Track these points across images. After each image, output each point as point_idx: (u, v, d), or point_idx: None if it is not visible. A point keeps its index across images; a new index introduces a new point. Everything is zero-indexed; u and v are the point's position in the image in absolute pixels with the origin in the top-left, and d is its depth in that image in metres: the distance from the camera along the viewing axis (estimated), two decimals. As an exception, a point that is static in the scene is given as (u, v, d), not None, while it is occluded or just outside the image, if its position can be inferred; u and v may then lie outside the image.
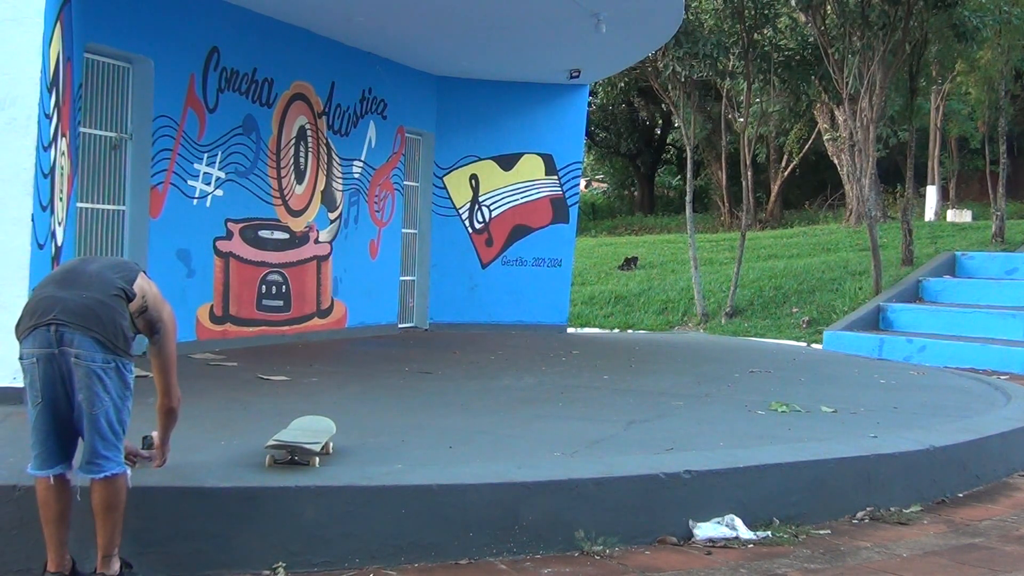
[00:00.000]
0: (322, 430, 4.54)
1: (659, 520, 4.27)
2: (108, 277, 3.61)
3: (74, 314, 3.47)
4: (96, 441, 3.50)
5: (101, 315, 3.50)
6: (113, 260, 3.86)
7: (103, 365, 3.49)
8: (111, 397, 3.51)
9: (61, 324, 3.45)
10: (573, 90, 12.83)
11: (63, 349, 3.45)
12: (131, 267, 3.77)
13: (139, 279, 3.70)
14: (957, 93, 23.27)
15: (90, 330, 3.47)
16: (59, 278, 3.63)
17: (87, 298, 3.51)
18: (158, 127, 8.45)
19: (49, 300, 3.51)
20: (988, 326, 12.45)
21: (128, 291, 3.61)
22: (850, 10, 14.58)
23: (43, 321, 3.46)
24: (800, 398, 6.99)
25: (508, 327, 12.41)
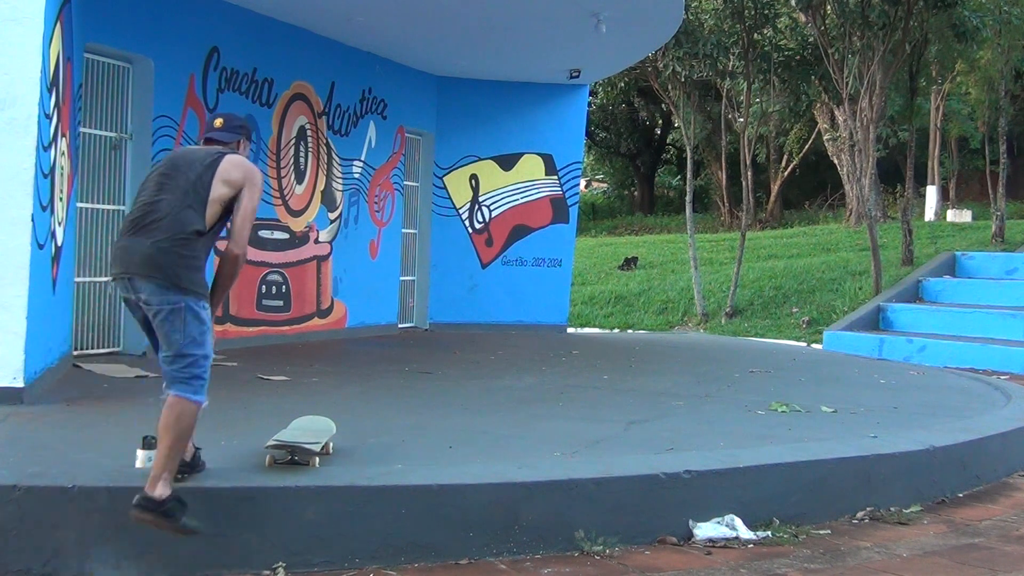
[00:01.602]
0: (322, 430, 4.54)
1: (659, 520, 4.27)
2: (178, 217, 3.85)
3: (139, 264, 3.80)
4: (173, 367, 3.81)
5: (163, 262, 3.79)
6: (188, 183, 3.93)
7: (172, 307, 3.79)
8: (183, 333, 3.80)
9: (131, 275, 3.82)
10: (573, 90, 12.83)
11: (137, 296, 3.84)
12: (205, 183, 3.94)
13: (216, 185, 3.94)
14: (957, 93, 23.27)
15: (153, 277, 3.79)
16: (134, 219, 3.90)
17: (151, 246, 3.80)
18: (158, 127, 8.45)
19: (119, 251, 3.89)
20: (988, 326, 12.45)
21: (200, 227, 3.91)
22: (850, 10, 14.58)
23: (117, 273, 3.89)
24: (800, 398, 6.99)
25: (508, 327, 12.41)
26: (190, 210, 3.90)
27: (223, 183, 3.97)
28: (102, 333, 8.24)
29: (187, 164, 3.99)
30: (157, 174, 4.01)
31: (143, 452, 4.08)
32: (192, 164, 3.99)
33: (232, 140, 4.27)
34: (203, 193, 3.94)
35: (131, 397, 6.27)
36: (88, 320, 8.07)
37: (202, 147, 4.20)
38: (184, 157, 4.06)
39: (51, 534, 3.60)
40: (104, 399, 6.16)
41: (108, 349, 8.27)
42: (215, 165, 3.98)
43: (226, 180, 3.98)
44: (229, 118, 4.36)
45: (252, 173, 4.08)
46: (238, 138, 4.31)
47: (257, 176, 4.10)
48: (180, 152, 4.17)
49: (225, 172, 3.99)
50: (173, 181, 3.94)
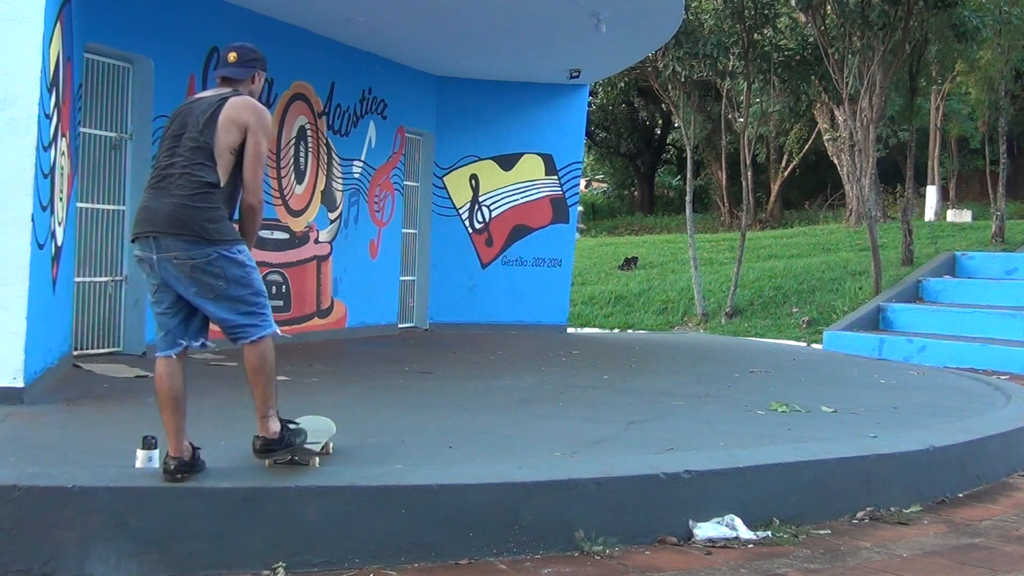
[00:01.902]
0: (322, 430, 4.55)
1: (659, 520, 4.27)
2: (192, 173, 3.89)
3: (164, 223, 3.86)
4: (228, 316, 3.96)
5: (185, 217, 3.85)
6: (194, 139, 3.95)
7: (203, 260, 3.86)
8: (226, 280, 3.90)
9: (156, 233, 3.86)
10: (573, 90, 12.83)
11: (160, 255, 3.87)
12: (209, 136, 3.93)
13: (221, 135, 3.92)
14: (957, 93, 23.27)
15: (180, 234, 3.84)
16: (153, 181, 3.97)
17: (171, 204, 3.86)
18: (158, 127, 8.43)
19: (142, 211, 3.95)
20: (988, 326, 12.45)
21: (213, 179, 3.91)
22: (850, 10, 14.58)
23: (140, 232, 3.92)
24: (800, 398, 6.99)
25: (508, 327, 12.41)
26: (200, 165, 3.92)
27: (227, 131, 3.96)
28: (102, 333, 8.24)
29: (193, 119, 4.00)
30: (170, 135, 4.03)
31: (143, 452, 4.08)
32: (198, 115, 3.99)
33: (247, 76, 4.27)
34: (209, 145, 3.93)
35: (131, 397, 6.27)
36: (88, 320, 8.07)
37: (209, 94, 4.13)
38: (191, 111, 4.04)
39: (51, 534, 3.60)
40: (104, 399, 6.16)
41: (108, 349, 8.27)
42: (216, 115, 3.96)
43: (229, 127, 3.96)
44: (243, 51, 4.29)
45: (256, 115, 4.03)
46: (253, 72, 4.31)
47: (263, 117, 4.05)
48: (187, 105, 4.11)
49: (227, 119, 3.96)
50: (182, 140, 3.97)
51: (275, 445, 3.96)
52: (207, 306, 3.96)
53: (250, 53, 4.31)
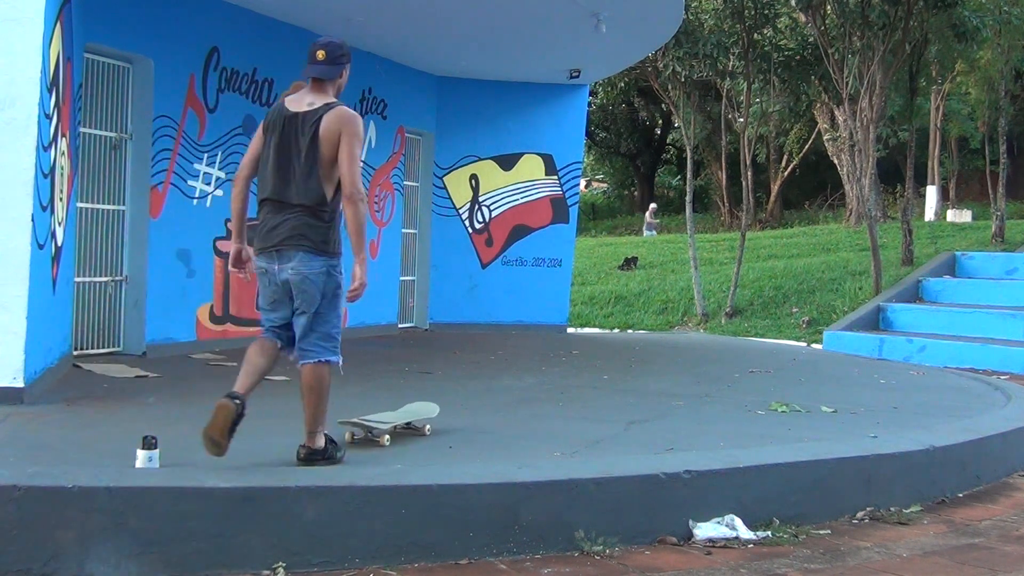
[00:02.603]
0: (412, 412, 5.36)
1: (659, 520, 4.27)
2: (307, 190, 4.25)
3: (286, 238, 4.25)
4: (311, 332, 4.34)
5: (306, 232, 4.25)
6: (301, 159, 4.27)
7: (311, 271, 4.26)
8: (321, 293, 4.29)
9: (279, 248, 4.25)
10: (573, 90, 12.83)
11: (282, 266, 4.27)
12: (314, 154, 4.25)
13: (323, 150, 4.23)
14: (957, 93, 23.27)
15: (301, 246, 4.24)
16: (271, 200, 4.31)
17: (292, 220, 4.25)
18: (158, 127, 8.45)
19: (265, 228, 4.31)
20: (988, 326, 12.44)
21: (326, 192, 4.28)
22: (850, 10, 14.57)
23: (264, 248, 4.30)
24: (800, 398, 6.99)
25: (508, 327, 12.40)
26: (313, 180, 4.25)
27: (327, 144, 4.25)
28: (102, 333, 8.24)
29: (296, 137, 4.29)
30: (274, 154, 4.32)
31: (143, 452, 4.09)
32: (298, 137, 4.28)
33: (337, 74, 4.44)
34: (315, 163, 4.25)
35: (131, 397, 6.27)
36: (88, 320, 8.07)
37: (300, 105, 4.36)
38: (293, 126, 4.31)
39: (51, 534, 3.60)
40: (104, 399, 6.16)
41: (108, 349, 8.27)
42: (316, 134, 4.26)
43: (327, 139, 4.25)
44: (330, 48, 4.43)
45: (347, 121, 4.28)
46: (342, 68, 4.46)
47: (353, 122, 4.30)
48: (288, 117, 4.35)
49: (325, 139, 4.26)
50: (289, 160, 4.29)
51: (318, 455, 4.33)
52: (300, 319, 4.35)
53: (337, 50, 4.44)
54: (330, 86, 4.43)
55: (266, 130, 4.42)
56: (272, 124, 4.39)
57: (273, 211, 4.29)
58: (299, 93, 4.46)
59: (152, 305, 8.38)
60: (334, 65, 4.41)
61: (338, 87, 4.47)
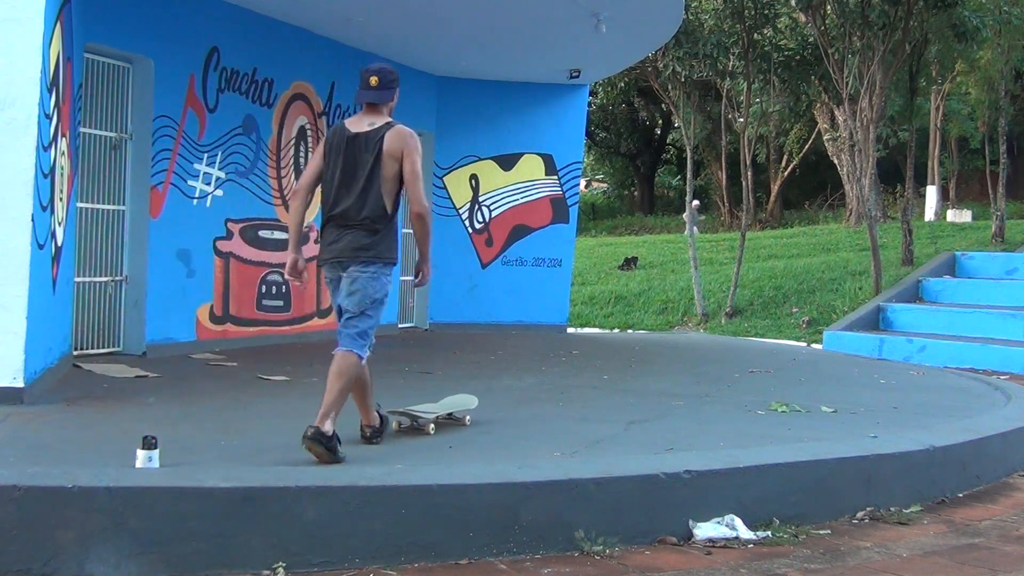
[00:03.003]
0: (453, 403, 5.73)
1: (659, 520, 4.27)
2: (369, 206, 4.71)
3: (346, 250, 4.74)
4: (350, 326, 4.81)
5: (366, 244, 4.72)
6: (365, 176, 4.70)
7: (366, 275, 4.74)
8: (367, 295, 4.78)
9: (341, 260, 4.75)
10: (573, 90, 12.83)
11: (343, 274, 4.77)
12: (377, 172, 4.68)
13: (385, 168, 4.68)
14: (957, 93, 23.27)
15: (358, 256, 4.73)
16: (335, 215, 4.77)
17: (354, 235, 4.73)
18: (158, 127, 8.45)
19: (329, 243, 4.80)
20: (988, 326, 12.44)
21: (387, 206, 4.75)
22: (850, 10, 14.58)
23: (327, 259, 4.81)
24: (800, 398, 6.99)
25: (508, 327, 12.40)
26: (375, 195, 4.69)
27: (389, 162, 4.69)
28: (102, 333, 8.24)
29: (360, 152, 4.71)
30: (339, 169, 4.74)
31: (143, 452, 4.09)
32: (364, 151, 4.70)
33: (389, 98, 4.85)
34: (378, 180, 4.69)
35: (131, 397, 6.27)
36: (88, 320, 8.07)
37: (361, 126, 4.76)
38: (355, 146, 4.72)
39: (51, 534, 3.60)
40: (104, 399, 6.16)
41: (108, 349, 8.27)
42: (380, 153, 4.68)
43: (389, 161, 4.69)
44: (382, 74, 4.85)
45: (407, 142, 4.72)
46: (393, 92, 4.88)
47: (413, 140, 4.75)
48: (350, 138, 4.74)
49: (387, 155, 4.68)
50: (353, 178, 4.72)
51: (324, 440, 4.43)
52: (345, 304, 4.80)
53: (388, 75, 4.86)
54: (384, 108, 4.82)
55: (327, 151, 4.80)
56: (335, 145, 4.77)
57: (337, 226, 4.75)
58: (357, 116, 4.86)
59: (152, 305, 8.38)
60: (387, 90, 4.82)
61: (390, 108, 4.86)
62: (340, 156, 4.75)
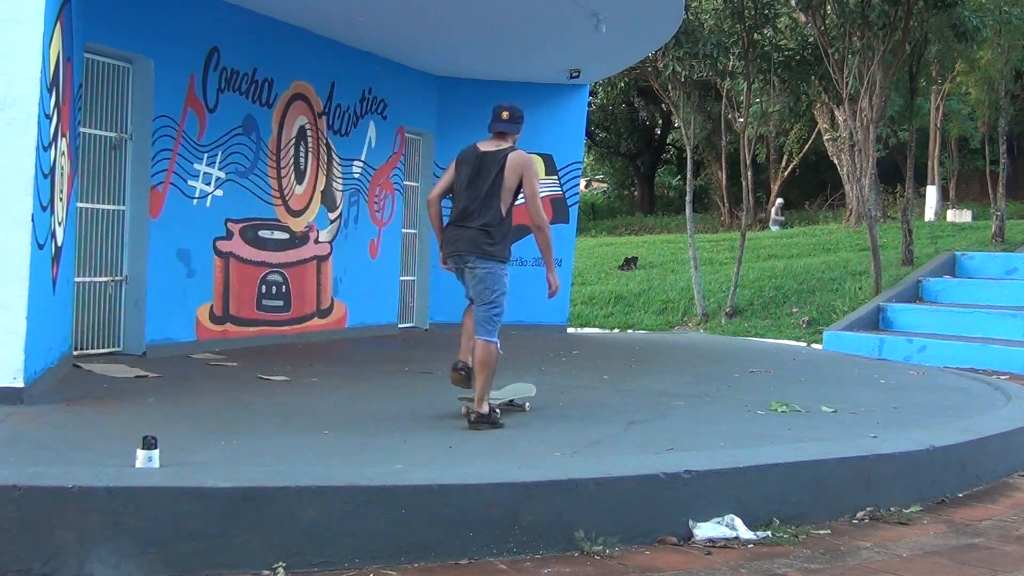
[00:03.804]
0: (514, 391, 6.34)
1: (659, 520, 4.27)
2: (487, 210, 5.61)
3: (466, 245, 5.65)
4: (482, 312, 5.71)
5: (480, 242, 5.63)
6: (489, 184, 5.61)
7: (483, 272, 5.67)
8: (491, 289, 5.69)
9: (461, 253, 5.68)
10: (573, 90, 12.83)
11: (465, 265, 5.69)
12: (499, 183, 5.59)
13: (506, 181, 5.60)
14: (957, 93, 23.27)
15: (475, 252, 5.63)
16: (459, 215, 5.69)
17: (472, 232, 5.63)
18: (158, 127, 8.45)
19: (452, 237, 5.72)
20: (988, 326, 12.44)
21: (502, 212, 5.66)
22: (850, 10, 14.57)
23: (450, 252, 5.74)
24: (800, 398, 6.99)
25: (508, 327, 12.33)
26: (493, 201, 5.61)
27: (510, 175, 5.62)
28: (102, 333, 8.24)
29: (486, 169, 5.64)
30: (467, 179, 5.66)
31: (143, 452, 4.09)
32: (489, 168, 5.63)
33: (517, 130, 5.83)
34: (498, 189, 5.61)
35: (131, 397, 6.27)
36: (88, 320, 8.07)
37: (492, 148, 5.72)
38: (482, 161, 5.67)
39: (51, 534, 3.60)
40: (104, 399, 6.16)
41: (108, 349, 8.27)
42: (503, 168, 5.62)
43: (511, 172, 5.61)
44: (512, 110, 5.83)
45: (528, 164, 5.70)
46: (519, 127, 5.84)
47: (532, 163, 5.77)
48: (477, 157, 5.70)
49: (510, 169, 5.62)
50: (479, 184, 5.63)
51: (485, 419, 5.50)
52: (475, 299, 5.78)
53: (517, 111, 5.86)
54: (511, 137, 5.80)
55: (459, 164, 5.76)
56: (467, 159, 5.74)
57: (459, 227, 5.68)
58: (488, 140, 5.82)
59: (152, 305, 8.38)
60: (515, 123, 5.82)
61: (515, 138, 5.82)
62: (470, 169, 5.69)
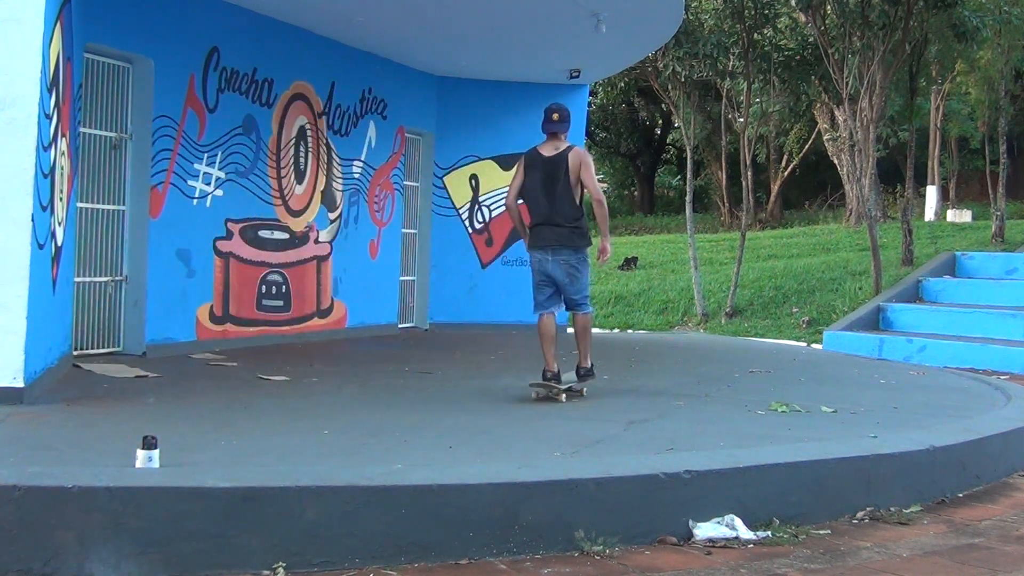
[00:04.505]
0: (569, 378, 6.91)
1: (659, 520, 4.27)
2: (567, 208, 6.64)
3: (557, 240, 6.66)
4: (577, 296, 6.80)
5: (569, 237, 6.67)
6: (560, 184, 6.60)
7: (575, 260, 6.70)
8: (581, 273, 6.76)
9: (554, 247, 6.67)
10: (573, 90, 12.82)
11: (555, 257, 6.67)
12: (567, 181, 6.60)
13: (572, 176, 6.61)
14: (957, 93, 23.27)
15: (567, 246, 6.66)
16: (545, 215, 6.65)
17: (559, 229, 6.65)
18: (158, 127, 8.45)
19: (545, 233, 6.68)
20: (988, 326, 12.44)
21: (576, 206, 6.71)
22: (850, 10, 14.58)
23: (543, 246, 6.69)
24: (800, 398, 6.99)
25: (508, 327, 12.40)
26: (569, 200, 6.62)
27: (574, 174, 6.61)
28: (102, 333, 8.24)
29: (554, 170, 6.60)
30: (540, 183, 6.63)
31: (143, 452, 4.09)
32: (556, 169, 6.60)
33: (567, 128, 6.74)
34: (569, 187, 6.62)
35: (131, 397, 6.28)
36: (88, 320, 8.07)
37: (551, 151, 6.67)
38: (549, 166, 6.62)
39: (51, 534, 3.60)
40: (104, 399, 6.17)
41: (108, 349, 8.27)
42: (567, 167, 6.59)
43: (574, 170, 6.61)
44: (562, 111, 6.72)
45: (584, 156, 6.70)
46: (568, 125, 6.76)
47: (587, 155, 6.76)
48: (542, 162, 6.65)
49: (572, 167, 6.61)
50: (553, 187, 6.60)
51: (589, 372, 6.94)
52: (569, 288, 6.72)
53: (565, 111, 6.77)
54: (563, 135, 6.72)
55: (527, 169, 6.70)
56: (534, 164, 6.68)
57: (546, 225, 6.65)
58: (543, 143, 6.73)
59: (152, 305, 8.38)
60: (564, 123, 6.72)
61: (566, 135, 6.76)
62: (539, 173, 6.63)
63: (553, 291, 6.75)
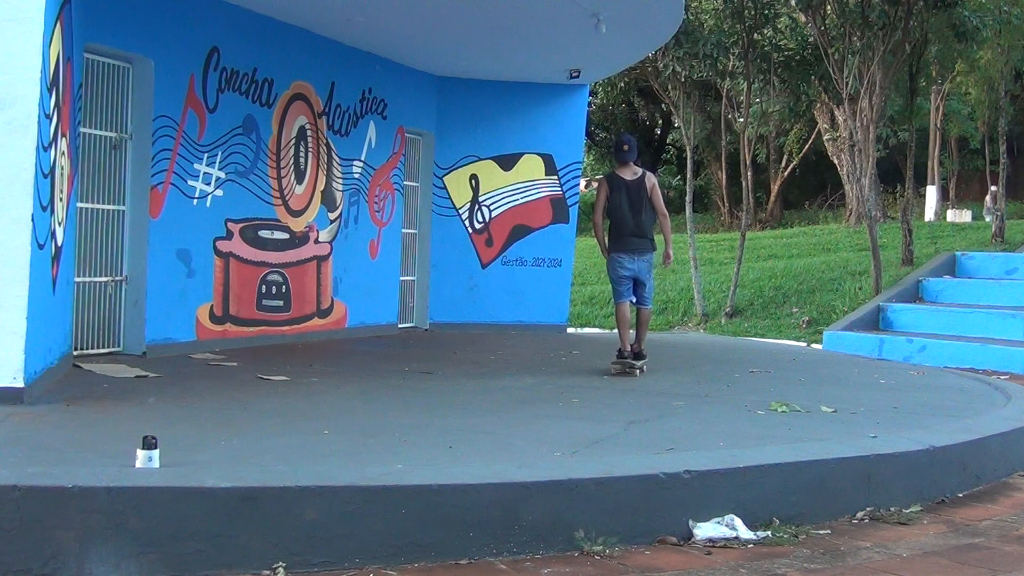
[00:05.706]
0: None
1: (659, 520, 4.27)
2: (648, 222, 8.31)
3: (643, 249, 8.30)
4: (646, 293, 8.39)
5: (648, 245, 8.34)
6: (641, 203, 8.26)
7: (650, 263, 8.36)
8: (651, 273, 8.43)
9: (640, 253, 8.29)
10: (573, 90, 12.83)
11: (640, 259, 8.28)
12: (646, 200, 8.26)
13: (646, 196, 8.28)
14: (957, 93, 23.29)
15: (647, 251, 8.33)
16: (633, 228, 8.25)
17: (644, 240, 8.30)
18: (158, 127, 8.45)
19: (633, 243, 8.26)
20: (988, 326, 12.44)
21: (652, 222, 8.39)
22: (850, 10, 14.58)
23: (629, 249, 8.25)
24: (800, 398, 6.99)
25: (508, 327, 12.40)
26: (648, 215, 8.29)
27: (648, 192, 8.24)
28: (102, 333, 8.24)
29: (636, 192, 8.20)
30: (627, 201, 8.20)
31: (143, 452, 4.09)
32: (638, 191, 8.21)
33: (636, 157, 8.41)
34: (647, 204, 8.25)
35: (131, 397, 6.27)
36: (88, 320, 8.07)
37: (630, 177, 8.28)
38: (633, 188, 8.21)
39: (51, 534, 3.60)
40: (104, 399, 6.16)
41: (108, 349, 8.27)
42: (645, 189, 8.23)
43: (649, 191, 8.25)
44: (631, 141, 8.40)
45: (654, 181, 8.34)
46: (637, 154, 8.43)
47: (656, 180, 8.43)
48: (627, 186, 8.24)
49: (651, 190, 8.26)
50: (635, 203, 8.19)
51: (644, 356, 8.31)
52: (647, 283, 8.37)
53: (634, 142, 8.44)
54: (633, 162, 8.32)
55: (612, 191, 8.24)
56: (618, 187, 8.23)
57: (634, 236, 8.22)
58: (620, 168, 8.37)
59: (152, 305, 8.38)
60: (634, 151, 8.37)
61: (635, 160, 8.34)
62: (624, 195, 8.19)
63: (631, 285, 8.25)
